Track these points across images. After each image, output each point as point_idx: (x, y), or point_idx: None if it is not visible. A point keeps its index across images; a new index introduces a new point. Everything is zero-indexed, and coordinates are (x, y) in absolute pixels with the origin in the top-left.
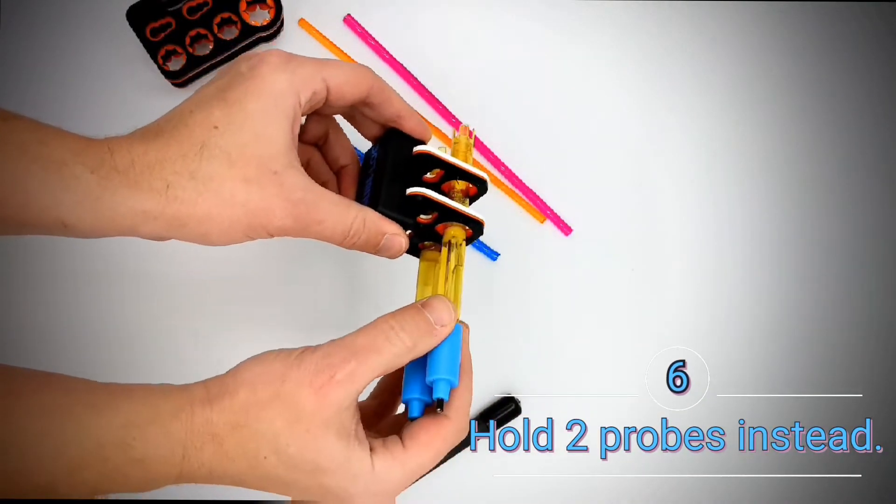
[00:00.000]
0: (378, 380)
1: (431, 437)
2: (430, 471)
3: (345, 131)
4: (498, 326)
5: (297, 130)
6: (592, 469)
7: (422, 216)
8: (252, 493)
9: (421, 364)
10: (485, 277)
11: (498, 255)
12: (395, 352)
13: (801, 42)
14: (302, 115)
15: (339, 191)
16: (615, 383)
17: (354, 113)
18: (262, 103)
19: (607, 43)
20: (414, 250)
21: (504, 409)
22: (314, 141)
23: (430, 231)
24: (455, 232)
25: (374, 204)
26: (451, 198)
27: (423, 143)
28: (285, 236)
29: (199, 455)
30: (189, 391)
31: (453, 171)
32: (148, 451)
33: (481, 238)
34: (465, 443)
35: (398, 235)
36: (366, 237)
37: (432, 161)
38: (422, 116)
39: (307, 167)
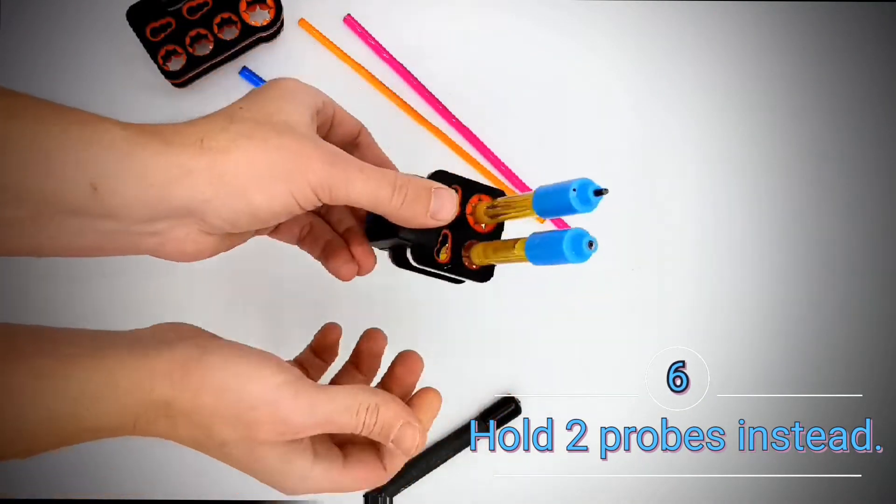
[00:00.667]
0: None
1: (365, 477)
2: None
3: None
4: (498, 326)
5: (316, 124)
6: (592, 469)
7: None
8: (252, 492)
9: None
10: None
11: None
12: (351, 423)
13: (802, 41)
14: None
15: (350, 249)
16: (615, 383)
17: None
18: (282, 93)
19: (607, 43)
20: (462, 270)
21: (504, 409)
22: (315, 208)
23: (462, 227)
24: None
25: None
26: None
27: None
28: (329, 199)
29: (152, 426)
30: (152, 368)
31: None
32: (101, 421)
33: None
34: (466, 443)
35: (444, 188)
36: (414, 191)
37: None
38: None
39: (309, 232)
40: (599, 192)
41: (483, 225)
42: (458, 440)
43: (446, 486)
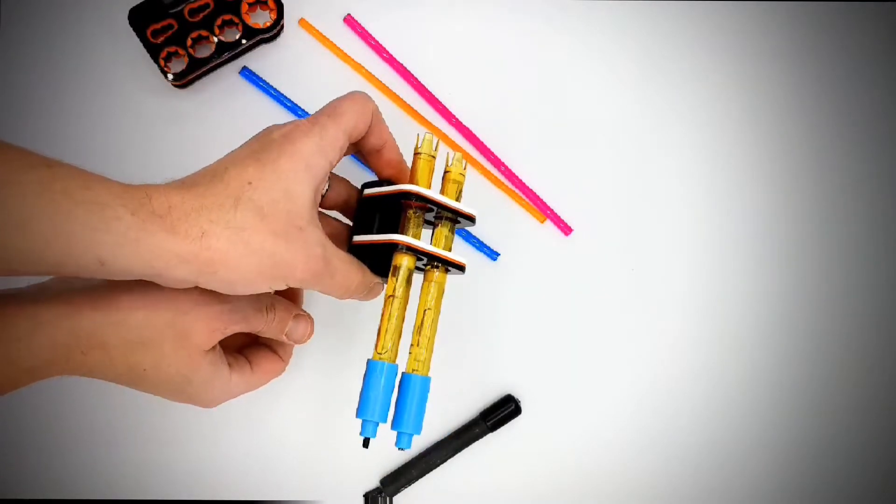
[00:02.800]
0: None
1: (269, 369)
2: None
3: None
4: (498, 326)
5: (322, 189)
6: (592, 469)
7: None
8: (251, 492)
9: (383, 387)
10: (485, 277)
11: (498, 255)
12: (260, 322)
13: (803, 42)
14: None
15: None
16: (615, 383)
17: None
18: (293, 164)
19: (608, 43)
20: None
21: (504, 409)
22: (333, 207)
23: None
24: (439, 277)
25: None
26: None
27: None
28: (299, 287)
29: (84, 358)
30: (73, 302)
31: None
32: (33, 360)
33: (481, 237)
34: (466, 443)
35: (379, 284)
36: (361, 292)
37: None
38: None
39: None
40: (401, 448)
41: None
42: (458, 440)
43: (446, 486)
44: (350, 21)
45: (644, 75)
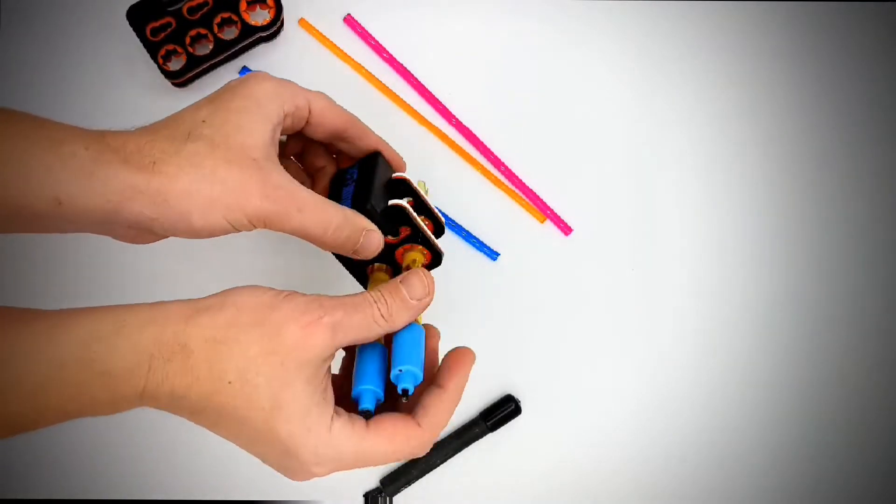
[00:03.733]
0: (342, 358)
1: (397, 433)
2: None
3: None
4: (498, 326)
5: (277, 137)
6: (593, 468)
7: (388, 237)
8: (251, 492)
9: (377, 357)
10: (485, 277)
11: (498, 255)
12: (376, 316)
13: (802, 40)
14: (284, 132)
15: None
16: (615, 383)
17: (331, 149)
18: (246, 103)
19: (608, 43)
20: (360, 275)
21: (504, 409)
22: (291, 154)
23: (387, 253)
24: (416, 256)
25: (358, 205)
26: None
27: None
28: (266, 227)
29: (165, 367)
30: (165, 306)
31: (424, 209)
32: (113, 362)
33: (481, 237)
34: (466, 443)
35: (375, 231)
36: (347, 232)
37: (409, 191)
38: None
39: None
40: (405, 393)
41: (404, 265)
42: (458, 440)
43: (446, 486)
44: (350, 21)
45: (644, 75)
